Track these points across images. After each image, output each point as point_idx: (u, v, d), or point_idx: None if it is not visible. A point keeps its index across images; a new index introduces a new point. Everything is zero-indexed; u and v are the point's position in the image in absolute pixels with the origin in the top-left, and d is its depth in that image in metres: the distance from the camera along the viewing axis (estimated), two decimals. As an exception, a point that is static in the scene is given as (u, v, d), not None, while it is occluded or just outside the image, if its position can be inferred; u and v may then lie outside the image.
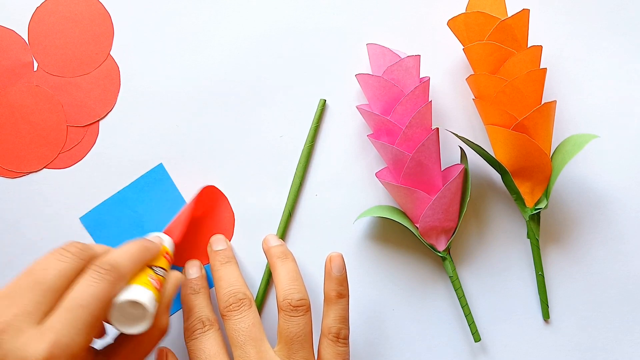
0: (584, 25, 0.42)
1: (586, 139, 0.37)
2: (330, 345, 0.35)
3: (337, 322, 0.35)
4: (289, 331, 0.34)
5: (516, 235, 0.41)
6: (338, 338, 0.35)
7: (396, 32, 0.42)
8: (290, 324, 0.34)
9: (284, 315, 0.34)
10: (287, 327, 0.34)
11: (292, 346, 0.34)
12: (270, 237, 0.39)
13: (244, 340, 0.33)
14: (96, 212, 0.41)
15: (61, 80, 0.42)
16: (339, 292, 0.36)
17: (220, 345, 0.34)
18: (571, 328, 0.40)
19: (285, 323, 0.34)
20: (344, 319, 0.35)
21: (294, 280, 0.35)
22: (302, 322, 0.34)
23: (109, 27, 0.43)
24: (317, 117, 0.41)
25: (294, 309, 0.34)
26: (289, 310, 0.34)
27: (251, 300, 0.35)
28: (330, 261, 0.36)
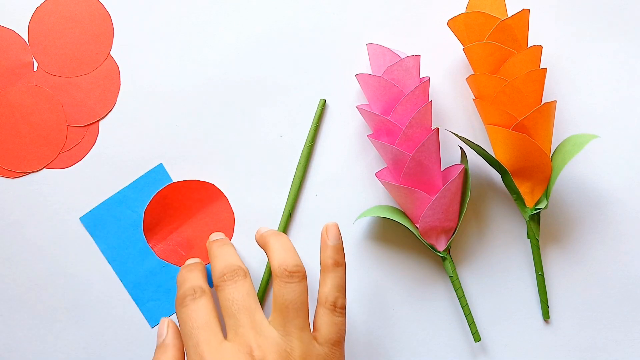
0: (584, 25, 0.42)
1: (586, 139, 0.37)
2: (327, 314, 0.33)
3: (334, 290, 0.34)
4: (284, 298, 0.32)
5: (516, 235, 0.41)
6: (335, 307, 0.33)
7: (396, 32, 0.42)
8: (285, 290, 0.32)
9: (279, 282, 0.33)
10: (283, 294, 0.32)
11: (288, 314, 0.32)
12: (262, 227, 0.38)
13: (238, 309, 0.32)
14: (96, 212, 0.41)
15: (61, 80, 0.42)
16: (336, 260, 0.34)
17: (212, 313, 0.32)
18: (571, 328, 0.40)
19: (280, 290, 0.32)
20: (341, 287, 0.34)
21: (289, 250, 0.34)
22: (298, 289, 0.33)
23: (109, 27, 0.43)
24: (317, 117, 0.41)
25: (290, 274, 0.33)
26: (285, 277, 0.33)
27: (246, 272, 0.34)
28: (326, 231, 0.35)
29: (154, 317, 0.40)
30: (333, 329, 0.33)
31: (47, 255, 0.41)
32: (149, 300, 0.40)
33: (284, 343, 0.31)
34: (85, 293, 0.41)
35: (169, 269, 0.41)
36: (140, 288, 0.40)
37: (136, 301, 0.40)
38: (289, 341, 0.31)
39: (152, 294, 0.40)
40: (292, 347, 0.31)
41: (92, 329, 0.41)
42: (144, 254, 0.41)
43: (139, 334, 0.40)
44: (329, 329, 0.33)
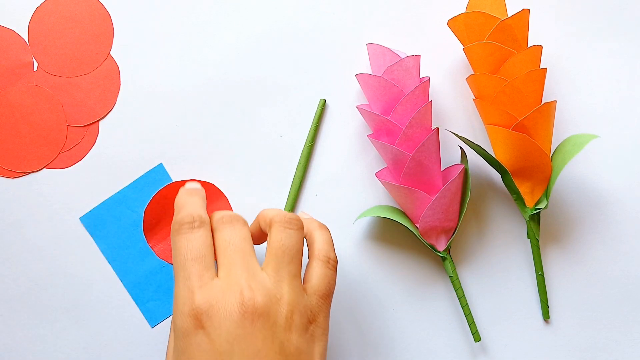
0: (584, 25, 0.42)
1: (586, 139, 0.37)
2: (320, 266, 0.33)
3: (325, 245, 0.34)
4: (281, 243, 0.32)
5: (516, 235, 0.41)
6: (328, 260, 0.33)
7: (396, 32, 0.42)
8: (283, 234, 0.32)
9: (277, 227, 0.32)
10: (280, 239, 0.32)
11: (282, 259, 0.31)
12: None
13: (233, 250, 0.31)
14: (96, 212, 0.41)
15: (61, 80, 0.42)
16: (320, 224, 0.35)
17: (209, 247, 0.32)
18: (571, 328, 0.40)
19: (277, 234, 0.32)
20: (331, 244, 0.34)
21: (288, 212, 0.34)
22: (296, 236, 0.32)
23: (109, 27, 0.43)
24: (317, 117, 0.41)
25: (289, 220, 0.32)
26: (284, 222, 0.32)
27: (246, 222, 0.33)
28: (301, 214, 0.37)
29: (154, 317, 0.40)
30: (324, 281, 0.33)
31: (47, 255, 0.41)
32: (149, 300, 0.40)
33: (274, 288, 0.30)
34: (85, 293, 0.41)
35: (169, 269, 0.41)
36: (140, 288, 0.40)
37: (136, 301, 0.40)
38: (279, 287, 0.31)
39: (152, 294, 0.40)
40: (282, 293, 0.30)
41: (92, 329, 0.41)
42: (144, 254, 0.41)
43: (139, 334, 0.40)
44: (320, 281, 0.32)
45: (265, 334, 0.29)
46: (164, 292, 0.40)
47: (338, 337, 0.40)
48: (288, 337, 0.30)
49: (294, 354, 0.30)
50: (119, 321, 0.40)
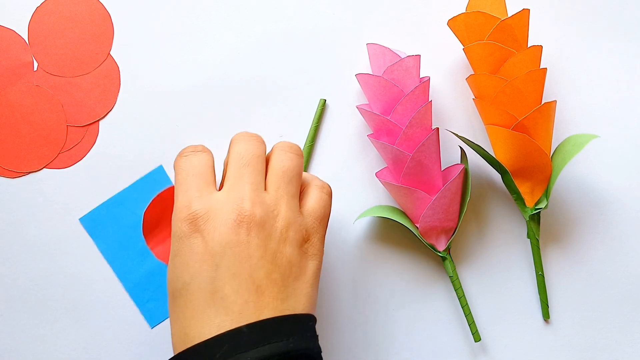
0: (584, 25, 0.42)
1: (586, 139, 0.37)
2: (316, 191, 0.34)
3: (319, 180, 0.35)
4: (282, 164, 0.32)
5: (516, 235, 0.41)
6: (324, 186, 0.34)
7: (396, 32, 0.42)
8: (285, 157, 0.33)
9: (278, 151, 0.33)
10: (281, 160, 0.32)
11: (283, 179, 0.32)
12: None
13: (245, 164, 0.32)
14: (96, 213, 0.41)
15: (61, 80, 0.42)
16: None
17: (211, 167, 0.32)
18: (571, 328, 0.40)
19: (279, 157, 0.33)
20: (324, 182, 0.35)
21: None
22: (297, 160, 0.33)
23: (109, 27, 0.43)
24: (317, 116, 0.41)
25: (290, 146, 0.33)
26: (285, 147, 0.33)
27: (265, 143, 0.34)
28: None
29: (154, 317, 0.40)
30: (319, 204, 0.33)
31: (47, 255, 0.41)
32: (149, 300, 0.40)
33: (272, 204, 0.31)
34: (85, 293, 0.41)
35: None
36: (140, 288, 0.40)
37: (136, 302, 0.40)
38: (277, 203, 0.31)
39: (152, 295, 0.40)
40: (279, 209, 0.31)
41: (92, 329, 0.41)
42: (144, 254, 0.41)
43: (139, 334, 0.40)
44: (315, 204, 0.33)
45: (258, 243, 0.30)
46: (164, 293, 0.40)
47: (338, 337, 0.40)
48: (281, 248, 0.30)
49: (285, 265, 0.30)
50: (118, 321, 0.40)
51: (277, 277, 0.30)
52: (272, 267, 0.30)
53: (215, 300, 0.29)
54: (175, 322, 0.30)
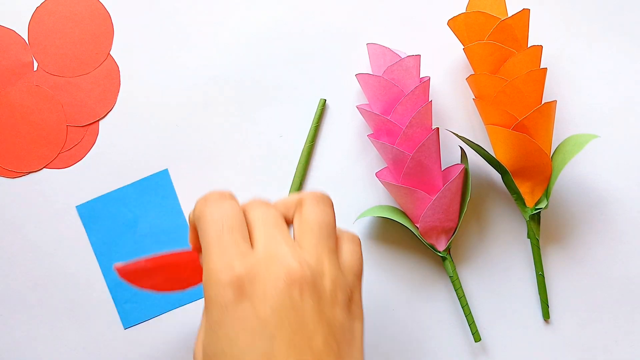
0: (584, 25, 0.42)
1: (586, 139, 0.37)
2: (349, 244, 0.30)
3: (347, 232, 0.32)
4: (318, 218, 0.29)
5: (516, 235, 0.41)
6: (354, 238, 0.31)
7: (396, 32, 0.42)
8: (318, 209, 0.29)
9: (310, 204, 0.29)
10: (316, 214, 0.29)
11: (320, 234, 0.28)
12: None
13: (271, 225, 0.28)
14: (93, 204, 0.41)
15: (61, 80, 0.42)
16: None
17: (243, 219, 0.28)
18: (571, 328, 0.40)
19: (312, 209, 0.29)
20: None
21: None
22: (331, 212, 0.29)
23: (109, 27, 0.43)
24: (317, 116, 0.41)
25: (322, 197, 0.29)
26: (316, 199, 0.29)
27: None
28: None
29: (129, 319, 0.40)
30: (355, 259, 0.30)
31: (47, 255, 0.41)
32: (127, 301, 0.40)
33: (315, 262, 0.27)
34: (85, 293, 0.41)
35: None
36: (121, 288, 0.40)
37: (114, 300, 0.40)
38: (320, 261, 0.28)
39: (131, 296, 0.40)
40: (324, 268, 0.28)
41: (92, 329, 0.41)
42: (132, 255, 0.41)
43: (139, 334, 0.40)
44: (352, 258, 0.30)
45: (313, 306, 0.26)
46: (143, 297, 0.40)
47: (338, 337, 0.40)
48: (333, 311, 0.27)
49: (339, 330, 0.27)
50: (119, 321, 0.40)
51: (334, 344, 0.27)
52: (328, 334, 0.26)
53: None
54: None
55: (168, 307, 0.40)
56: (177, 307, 0.41)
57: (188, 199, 0.41)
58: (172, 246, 0.41)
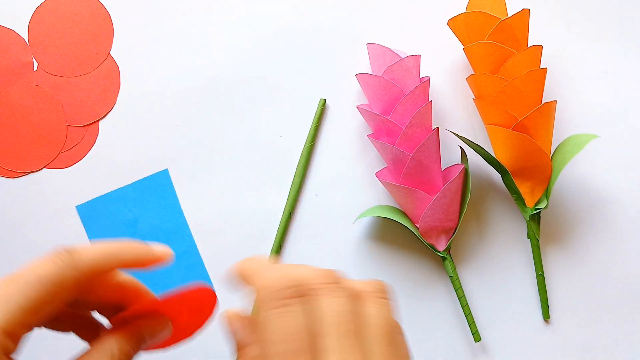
0: (584, 25, 0.42)
1: (586, 139, 0.37)
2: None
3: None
4: (388, 322, 0.24)
5: (516, 235, 0.41)
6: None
7: (396, 32, 0.42)
8: (382, 309, 0.24)
9: (373, 300, 0.24)
10: (385, 317, 0.24)
11: (394, 342, 0.24)
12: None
13: (345, 333, 0.23)
14: (93, 203, 0.41)
15: (61, 80, 0.42)
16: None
17: (309, 330, 0.23)
18: (571, 328, 0.40)
19: (379, 312, 0.24)
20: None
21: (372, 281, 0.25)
22: (392, 308, 0.25)
23: (109, 27, 0.43)
24: (317, 117, 0.41)
25: (380, 288, 0.25)
26: (377, 292, 0.24)
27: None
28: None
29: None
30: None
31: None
32: None
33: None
34: (85, 293, 0.41)
35: (148, 277, 0.40)
36: None
37: None
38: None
39: None
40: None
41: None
42: None
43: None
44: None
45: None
46: None
47: (338, 337, 0.40)
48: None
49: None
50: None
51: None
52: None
53: None
54: None
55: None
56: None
57: (188, 199, 0.41)
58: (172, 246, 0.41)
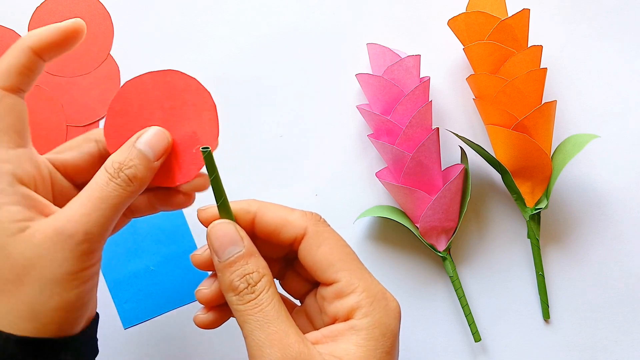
0: (584, 25, 0.42)
1: (586, 139, 0.37)
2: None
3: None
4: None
5: (516, 235, 0.41)
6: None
7: (396, 32, 0.42)
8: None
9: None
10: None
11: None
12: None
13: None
14: None
15: (61, 80, 0.42)
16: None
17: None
18: (571, 328, 0.40)
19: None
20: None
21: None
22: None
23: (109, 27, 0.43)
24: (210, 167, 0.28)
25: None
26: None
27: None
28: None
29: (129, 319, 0.40)
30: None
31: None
32: (127, 301, 0.40)
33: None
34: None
35: (152, 274, 0.40)
36: (121, 288, 0.40)
37: (114, 300, 0.40)
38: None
39: (132, 296, 0.40)
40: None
41: (92, 329, 0.40)
42: (131, 254, 0.41)
43: (139, 334, 0.40)
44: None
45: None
46: (143, 297, 0.40)
47: (338, 337, 0.40)
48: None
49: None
50: (118, 321, 0.40)
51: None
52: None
53: None
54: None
55: (168, 307, 0.40)
56: (177, 307, 0.41)
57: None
58: (172, 246, 0.41)
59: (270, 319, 0.26)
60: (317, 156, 0.42)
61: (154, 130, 0.29)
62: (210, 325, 0.30)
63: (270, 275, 0.28)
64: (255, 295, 0.27)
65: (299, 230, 0.29)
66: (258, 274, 0.27)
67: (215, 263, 0.28)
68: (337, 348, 0.27)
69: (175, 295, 0.40)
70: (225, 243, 0.28)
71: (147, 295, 0.40)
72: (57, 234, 0.25)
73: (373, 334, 0.27)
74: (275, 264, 0.32)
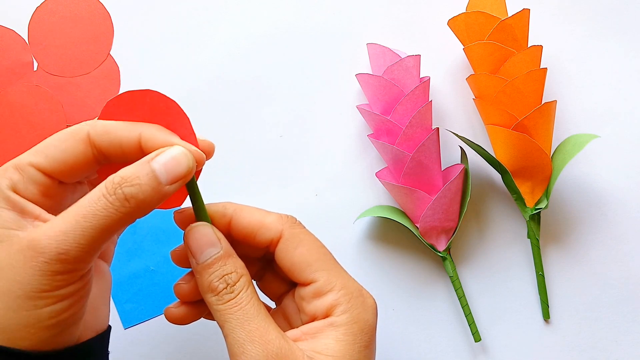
0: (584, 25, 0.42)
1: (586, 139, 0.37)
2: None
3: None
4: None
5: (516, 235, 0.41)
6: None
7: (396, 32, 0.42)
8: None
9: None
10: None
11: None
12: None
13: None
14: None
15: (61, 80, 0.42)
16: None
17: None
18: (571, 328, 0.40)
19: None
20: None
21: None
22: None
23: (109, 27, 0.43)
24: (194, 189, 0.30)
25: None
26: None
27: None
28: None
29: (129, 319, 0.40)
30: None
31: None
32: (127, 301, 0.40)
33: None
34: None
35: (152, 274, 0.40)
36: (121, 288, 0.40)
37: (114, 300, 0.40)
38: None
39: (131, 296, 0.40)
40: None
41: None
42: (131, 254, 0.41)
43: (139, 334, 0.40)
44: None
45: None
46: (143, 297, 0.40)
47: (338, 337, 0.40)
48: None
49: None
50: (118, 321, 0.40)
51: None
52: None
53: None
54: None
55: (168, 307, 0.40)
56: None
57: (187, 199, 0.41)
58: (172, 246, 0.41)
59: (250, 316, 0.26)
60: (317, 156, 0.42)
61: (177, 152, 0.27)
62: (180, 321, 0.30)
63: (248, 275, 0.28)
64: (234, 295, 0.27)
65: (275, 233, 0.29)
66: (236, 274, 0.27)
67: (193, 265, 0.28)
68: (317, 344, 0.27)
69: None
70: (203, 245, 0.28)
71: (147, 295, 0.40)
72: (30, 247, 0.23)
73: (352, 329, 0.27)
74: (252, 266, 0.32)
